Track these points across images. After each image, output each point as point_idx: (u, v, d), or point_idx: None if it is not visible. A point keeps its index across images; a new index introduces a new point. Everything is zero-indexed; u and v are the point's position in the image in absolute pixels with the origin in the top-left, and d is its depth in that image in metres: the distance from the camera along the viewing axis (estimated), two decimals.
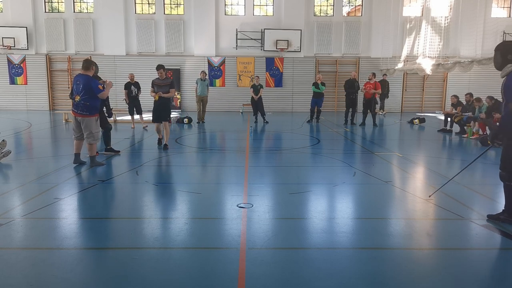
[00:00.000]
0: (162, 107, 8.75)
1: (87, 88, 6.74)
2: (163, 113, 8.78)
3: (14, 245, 3.74)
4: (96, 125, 7.04)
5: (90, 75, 6.90)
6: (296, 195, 5.43)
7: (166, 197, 5.45)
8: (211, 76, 19.64)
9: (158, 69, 8.64)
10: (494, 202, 5.24)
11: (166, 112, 8.84)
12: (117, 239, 3.95)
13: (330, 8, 20.30)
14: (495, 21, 18.67)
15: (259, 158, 8.36)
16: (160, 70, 8.62)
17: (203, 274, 3.17)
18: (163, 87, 8.69)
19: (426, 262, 3.49)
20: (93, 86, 6.78)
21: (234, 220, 4.36)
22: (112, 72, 18.75)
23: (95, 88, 6.80)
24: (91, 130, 6.94)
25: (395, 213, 4.84)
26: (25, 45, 19.33)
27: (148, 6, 20.04)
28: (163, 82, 8.73)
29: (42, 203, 4.90)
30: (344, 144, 10.48)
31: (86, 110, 6.84)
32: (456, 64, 14.67)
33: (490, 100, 10.74)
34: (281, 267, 3.31)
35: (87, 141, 7.01)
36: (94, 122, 6.99)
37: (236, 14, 20.03)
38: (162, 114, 8.78)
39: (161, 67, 8.68)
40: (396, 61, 18.36)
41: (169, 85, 8.73)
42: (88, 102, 6.80)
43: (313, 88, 14.95)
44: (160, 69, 8.62)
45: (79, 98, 6.77)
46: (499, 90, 4.58)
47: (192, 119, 14.32)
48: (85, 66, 6.92)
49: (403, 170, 7.12)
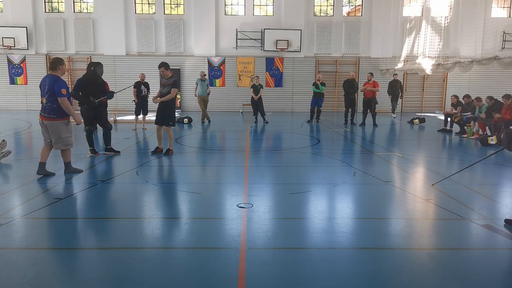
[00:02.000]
0: (165, 110, 8.01)
1: (52, 90, 6.09)
2: (166, 116, 8.02)
3: (14, 245, 3.74)
4: (66, 130, 6.31)
5: (59, 76, 6.26)
6: (296, 195, 5.43)
7: (166, 197, 5.45)
8: (211, 76, 19.64)
9: (159, 67, 7.95)
10: (494, 202, 5.24)
11: (170, 116, 8.07)
12: (117, 239, 3.95)
13: (330, 8, 20.29)
14: (495, 21, 18.66)
15: (259, 158, 8.36)
16: (161, 69, 7.93)
17: (203, 274, 3.17)
18: (166, 87, 8.00)
19: (426, 262, 3.49)
20: (55, 87, 6.07)
21: (234, 220, 4.37)
22: (112, 72, 18.74)
23: (58, 90, 6.08)
24: (60, 135, 6.23)
25: (395, 213, 4.84)
26: (25, 45, 19.32)
27: (148, 6, 20.04)
28: (167, 82, 8.02)
29: (42, 203, 4.90)
30: (344, 144, 10.48)
31: (54, 113, 6.16)
32: (456, 64, 14.66)
33: (490, 100, 10.74)
34: (281, 267, 3.31)
35: (56, 148, 6.32)
36: (63, 126, 6.25)
37: (236, 14, 20.02)
38: (165, 117, 8.01)
39: (162, 65, 7.94)
40: (396, 61, 18.34)
41: (171, 85, 7.95)
42: (55, 104, 6.12)
43: (313, 88, 14.94)
44: (161, 68, 7.93)
45: (45, 100, 6.17)
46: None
47: (192, 119, 14.32)
48: (52, 66, 6.30)
49: (403, 170, 7.12)
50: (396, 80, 16.97)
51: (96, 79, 7.81)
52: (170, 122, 8.09)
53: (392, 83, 16.90)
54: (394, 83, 16.84)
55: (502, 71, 16.50)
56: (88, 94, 7.73)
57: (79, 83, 7.80)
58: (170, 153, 8.11)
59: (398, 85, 16.99)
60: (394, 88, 16.89)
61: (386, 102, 18.37)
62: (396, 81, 16.94)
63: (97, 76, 7.82)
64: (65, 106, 6.14)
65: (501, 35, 19.36)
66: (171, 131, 8.19)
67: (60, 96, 6.08)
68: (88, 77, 7.76)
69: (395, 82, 16.86)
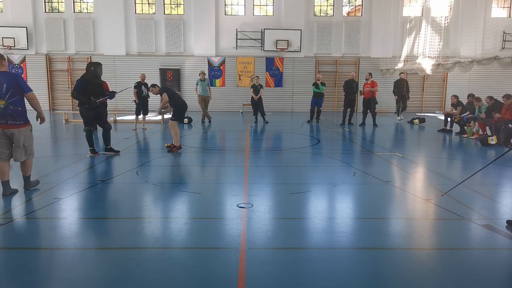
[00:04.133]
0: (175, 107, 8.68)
1: (15, 87, 5.10)
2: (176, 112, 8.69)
3: (14, 245, 3.74)
4: (31, 136, 5.45)
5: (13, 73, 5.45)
6: (296, 195, 5.43)
7: (166, 197, 5.45)
8: (211, 76, 19.64)
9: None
10: (495, 202, 5.24)
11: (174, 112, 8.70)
12: (117, 239, 3.95)
13: (330, 8, 20.29)
14: (495, 21, 18.67)
15: (259, 158, 8.36)
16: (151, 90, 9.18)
17: (203, 274, 3.17)
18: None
19: (426, 262, 3.49)
20: (21, 82, 5.19)
21: (234, 220, 4.36)
22: (112, 72, 18.74)
23: (25, 85, 5.23)
24: (30, 142, 5.41)
25: (395, 213, 4.84)
26: (25, 45, 19.32)
27: (148, 6, 20.04)
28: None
29: (42, 203, 4.90)
30: (344, 144, 10.48)
31: (21, 118, 5.19)
32: (456, 64, 14.66)
33: (490, 100, 10.74)
34: (281, 267, 3.31)
35: (19, 159, 5.32)
36: (29, 132, 5.39)
37: (236, 14, 20.02)
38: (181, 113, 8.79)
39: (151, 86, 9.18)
40: (396, 61, 18.34)
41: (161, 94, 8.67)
42: (20, 106, 5.17)
43: (313, 88, 14.94)
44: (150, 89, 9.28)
45: (5, 103, 5.04)
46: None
47: (192, 119, 14.32)
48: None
49: (403, 170, 7.12)
50: (403, 80, 15.88)
51: (97, 79, 7.83)
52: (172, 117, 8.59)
53: (397, 83, 15.94)
54: (400, 83, 15.82)
55: (502, 71, 16.50)
56: (89, 94, 7.73)
57: (80, 83, 7.78)
58: (174, 150, 8.47)
59: (404, 85, 15.83)
60: (400, 88, 15.84)
61: (386, 102, 18.40)
62: (403, 81, 15.85)
63: (97, 76, 7.83)
64: (37, 101, 5.31)
65: (501, 35, 19.37)
66: (176, 126, 8.52)
67: (30, 90, 5.23)
68: (89, 77, 7.76)
69: (401, 82, 15.84)
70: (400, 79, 15.93)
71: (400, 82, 15.87)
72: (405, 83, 15.93)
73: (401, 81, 15.87)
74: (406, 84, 15.97)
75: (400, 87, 15.87)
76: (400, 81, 15.88)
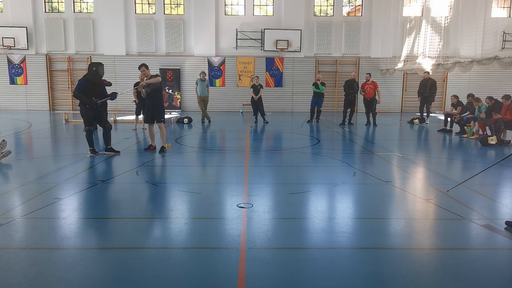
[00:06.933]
0: (154, 106, 8.23)
1: None
2: (156, 113, 8.24)
3: (14, 245, 3.74)
4: None
5: None
6: (296, 195, 5.43)
7: (166, 197, 5.44)
8: (211, 76, 19.64)
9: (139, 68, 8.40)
10: (495, 202, 5.24)
11: (160, 112, 8.29)
12: (117, 239, 3.95)
13: (330, 8, 20.29)
14: (495, 21, 18.66)
15: (259, 158, 8.35)
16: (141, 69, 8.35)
17: (203, 274, 3.17)
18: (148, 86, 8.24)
19: (426, 262, 3.49)
20: None
21: (234, 220, 4.36)
22: (112, 72, 18.73)
23: None
24: None
25: (395, 213, 4.84)
26: (25, 45, 19.31)
27: (148, 6, 20.04)
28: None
29: (42, 203, 4.89)
30: (344, 144, 10.48)
31: None
32: (456, 64, 14.64)
33: (490, 100, 10.74)
34: (281, 267, 3.31)
35: None
36: None
37: (236, 14, 20.02)
38: (155, 114, 8.24)
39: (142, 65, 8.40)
40: (396, 61, 18.34)
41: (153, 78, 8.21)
42: None
43: (313, 88, 14.94)
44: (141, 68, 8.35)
45: None
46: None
47: (192, 119, 14.32)
48: None
49: (403, 170, 7.12)
50: (426, 79, 14.62)
51: (98, 79, 7.85)
52: (161, 118, 8.34)
53: (421, 83, 14.81)
54: (424, 83, 14.64)
55: (502, 71, 16.50)
56: (91, 94, 7.74)
57: (82, 83, 7.78)
58: (165, 150, 8.35)
59: (427, 85, 14.52)
60: (423, 89, 14.63)
61: (386, 102, 18.40)
62: (426, 80, 14.61)
63: (99, 77, 7.86)
64: None
65: (501, 35, 19.36)
66: (164, 128, 8.46)
67: None
68: (91, 77, 7.78)
69: (425, 81, 14.64)
70: (424, 79, 14.78)
71: (424, 82, 14.72)
72: (429, 82, 14.59)
73: (424, 80, 14.71)
74: (431, 84, 14.60)
75: (423, 87, 14.70)
76: (424, 81, 14.74)
